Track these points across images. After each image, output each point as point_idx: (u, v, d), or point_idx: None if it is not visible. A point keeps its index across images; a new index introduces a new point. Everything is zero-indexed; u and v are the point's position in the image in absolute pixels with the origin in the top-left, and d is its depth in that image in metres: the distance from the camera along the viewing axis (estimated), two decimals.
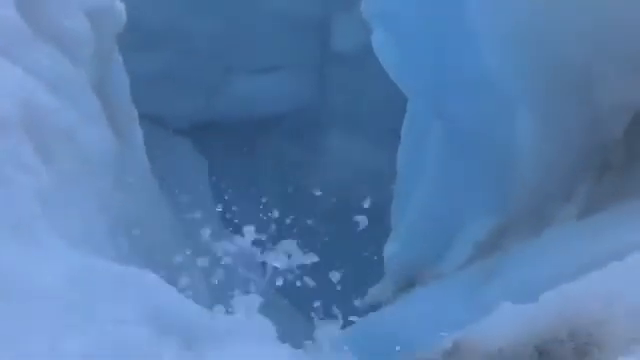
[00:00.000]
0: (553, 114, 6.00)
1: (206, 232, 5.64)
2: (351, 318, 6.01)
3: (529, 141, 6.08)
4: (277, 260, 5.94)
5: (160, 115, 10.59)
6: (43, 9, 5.75)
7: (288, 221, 6.94)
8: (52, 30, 5.70)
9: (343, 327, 5.87)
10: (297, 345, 4.81)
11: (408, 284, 6.95)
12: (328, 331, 5.62)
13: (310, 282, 5.88)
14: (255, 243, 7.60)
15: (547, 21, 5.68)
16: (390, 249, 7.38)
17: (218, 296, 5.12)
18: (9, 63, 5.02)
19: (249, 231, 6.23)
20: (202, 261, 5.62)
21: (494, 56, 5.94)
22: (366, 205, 10.17)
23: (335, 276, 5.97)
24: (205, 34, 10.65)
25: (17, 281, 3.53)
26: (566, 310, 3.66)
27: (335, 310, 5.69)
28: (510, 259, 5.99)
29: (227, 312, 4.52)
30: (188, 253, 5.96)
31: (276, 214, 6.67)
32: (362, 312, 6.46)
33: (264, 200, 8.81)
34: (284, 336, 4.54)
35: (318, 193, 10.20)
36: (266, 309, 4.67)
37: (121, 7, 6.90)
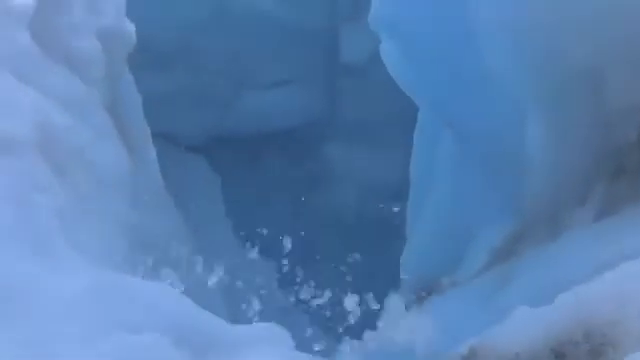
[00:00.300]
0: (564, 118, 5.97)
1: (220, 246, 5.69)
2: (366, 329, 6.02)
3: (541, 146, 6.05)
4: (291, 274, 5.97)
5: (173, 132, 10.63)
6: (54, 31, 5.84)
7: (300, 234, 6.96)
8: (64, 52, 5.79)
9: (359, 338, 5.89)
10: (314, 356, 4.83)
11: (425, 293, 6.93)
12: (345, 342, 5.64)
13: (322, 295, 5.90)
14: (268, 257, 7.63)
15: (554, 26, 5.67)
16: (406, 259, 7.37)
17: (234, 308, 5.16)
18: (22, 85, 5.10)
19: (263, 245, 6.26)
20: (217, 275, 5.65)
21: (502, 63, 5.92)
22: (378, 216, 10.19)
23: (348, 288, 5.98)
24: (214, 51, 10.67)
25: (36, 294, 3.59)
26: (580, 312, 3.66)
27: (350, 322, 5.71)
28: (525, 264, 5.97)
29: (244, 323, 4.55)
30: (203, 267, 6.00)
31: (288, 228, 6.68)
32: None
33: (276, 214, 8.85)
34: (301, 347, 4.56)
35: (329, 206, 10.20)
36: (283, 322, 4.70)
37: (131, 28, 6.99)
